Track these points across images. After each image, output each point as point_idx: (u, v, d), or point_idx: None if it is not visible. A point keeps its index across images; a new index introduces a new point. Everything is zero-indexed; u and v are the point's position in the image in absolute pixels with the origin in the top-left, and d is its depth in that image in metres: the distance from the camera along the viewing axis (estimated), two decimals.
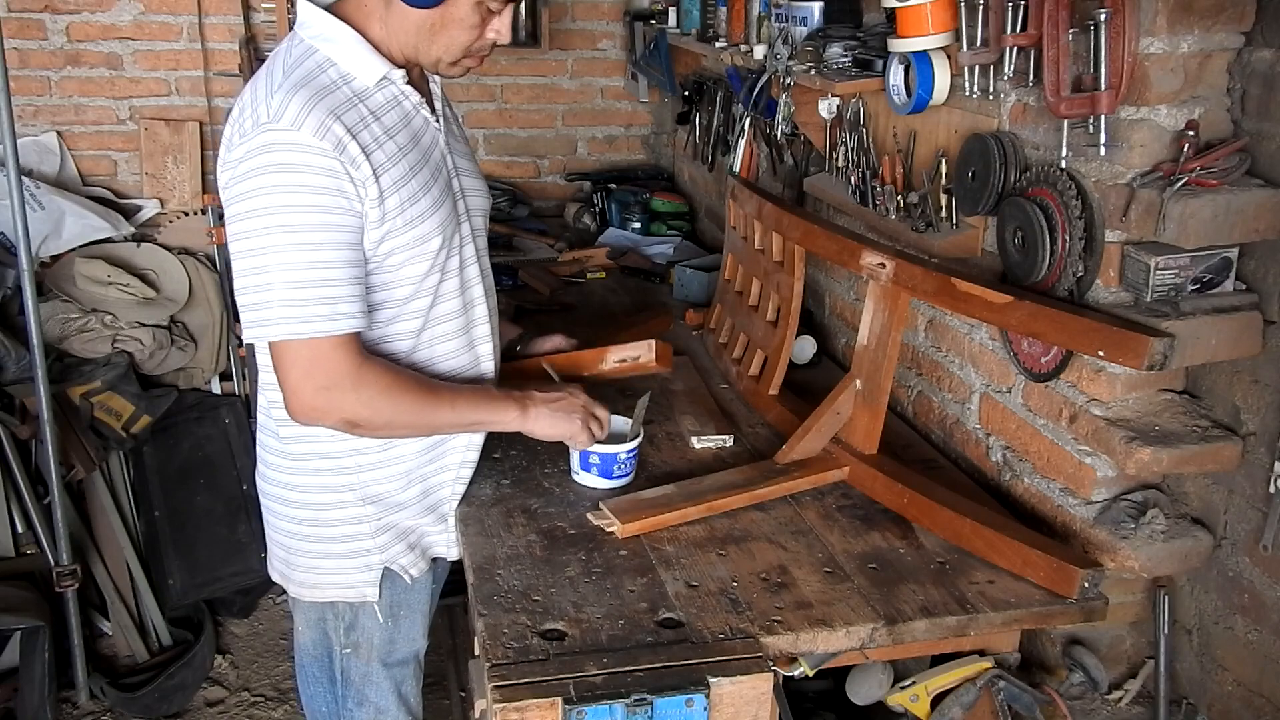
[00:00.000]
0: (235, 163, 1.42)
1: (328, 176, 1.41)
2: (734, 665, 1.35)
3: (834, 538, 1.67)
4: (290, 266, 1.41)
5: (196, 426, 3.36)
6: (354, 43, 1.49)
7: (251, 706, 2.92)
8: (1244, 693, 1.54)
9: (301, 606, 1.72)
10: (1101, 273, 1.55)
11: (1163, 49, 1.43)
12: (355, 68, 1.49)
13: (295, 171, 1.39)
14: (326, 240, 1.42)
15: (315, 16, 1.51)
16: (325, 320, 1.43)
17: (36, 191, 3.19)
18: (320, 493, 1.63)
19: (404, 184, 1.50)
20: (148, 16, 3.43)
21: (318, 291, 1.42)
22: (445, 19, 1.50)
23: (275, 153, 1.39)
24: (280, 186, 1.40)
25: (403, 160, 1.51)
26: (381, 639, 1.69)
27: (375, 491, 1.64)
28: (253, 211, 1.41)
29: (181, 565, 3.15)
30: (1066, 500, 1.66)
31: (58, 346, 3.11)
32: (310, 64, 1.47)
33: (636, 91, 3.78)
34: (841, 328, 2.46)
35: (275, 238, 1.40)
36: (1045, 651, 1.75)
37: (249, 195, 1.41)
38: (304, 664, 1.76)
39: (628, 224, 3.45)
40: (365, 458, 1.62)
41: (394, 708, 1.73)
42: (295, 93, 1.41)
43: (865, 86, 1.98)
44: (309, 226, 1.41)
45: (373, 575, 1.65)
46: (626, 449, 1.77)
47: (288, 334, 1.43)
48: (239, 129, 1.44)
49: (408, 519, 1.67)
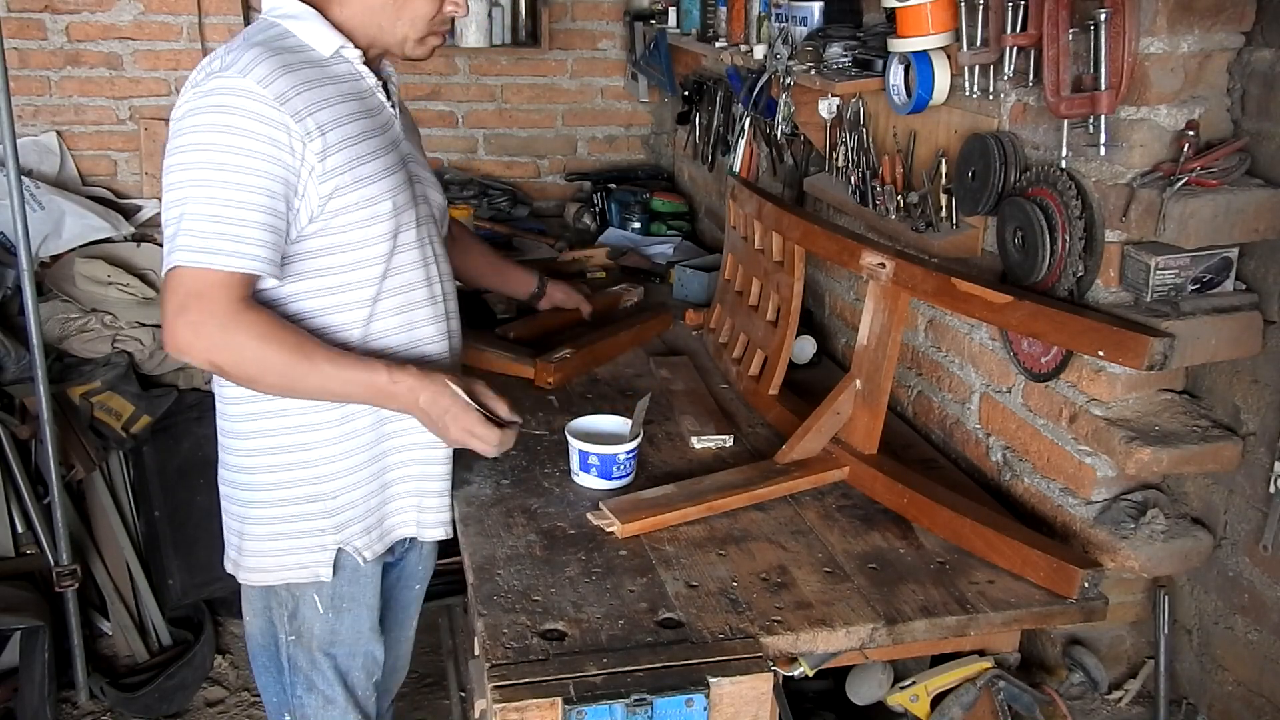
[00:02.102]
0: (180, 106, 1.48)
1: (262, 123, 1.43)
2: (734, 665, 1.35)
3: (834, 538, 1.67)
4: (204, 200, 1.42)
5: (196, 426, 3.35)
6: (313, 18, 1.55)
7: (251, 706, 2.92)
8: (1244, 693, 1.54)
9: (249, 595, 1.71)
10: (1101, 273, 1.55)
11: (1163, 49, 1.43)
12: (313, 39, 1.54)
13: (230, 113, 1.43)
14: (247, 182, 1.43)
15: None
16: (225, 255, 1.42)
17: (36, 191, 3.19)
18: (271, 472, 1.61)
19: (352, 144, 1.52)
20: (148, 16, 3.43)
21: (223, 228, 1.42)
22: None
23: (216, 95, 1.44)
24: (212, 125, 1.43)
25: (353, 123, 1.53)
26: (322, 629, 1.67)
27: (330, 470, 1.62)
28: (184, 147, 1.44)
29: (181, 565, 3.14)
30: (1066, 500, 1.66)
31: (58, 346, 3.11)
32: (271, 32, 1.53)
33: (636, 91, 3.78)
34: (841, 328, 2.46)
35: (197, 173, 1.43)
36: (1045, 651, 1.75)
37: (184, 133, 1.45)
38: (254, 653, 1.76)
39: (628, 224, 3.44)
40: (318, 434, 1.60)
41: (341, 698, 1.72)
42: (250, 49, 1.47)
43: (865, 86, 1.98)
44: (231, 166, 1.42)
45: (326, 555, 1.63)
46: (625, 450, 1.77)
47: (184, 261, 1.42)
48: (192, 81, 1.50)
49: (362, 499, 1.65)
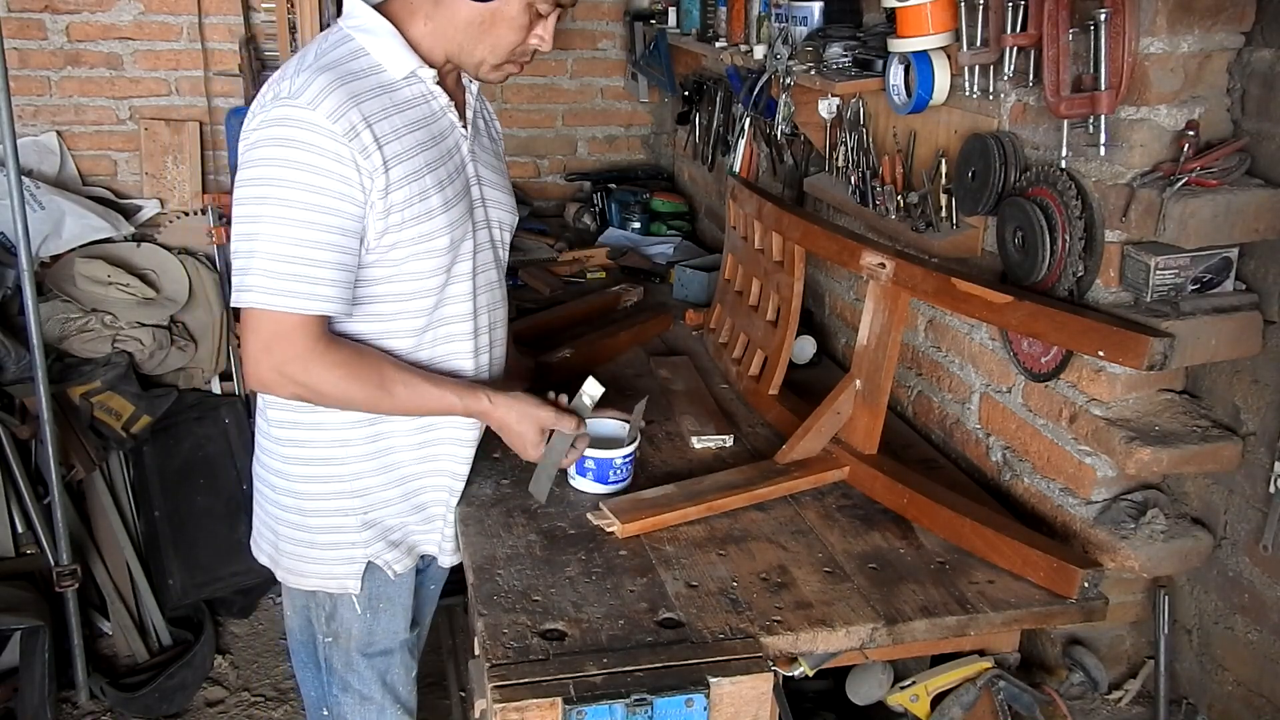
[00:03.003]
0: (250, 132, 1.46)
1: (333, 160, 1.42)
2: (734, 665, 1.35)
3: (834, 538, 1.67)
4: (277, 239, 1.43)
5: (196, 426, 3.35)
6: (389, 36, 1.52)
7: (251, 706, 2.92)
8: (1244, 693, 1.54)
9: (289, 592, 1.74)
10: (1101, 273, 1.55)
11: (1163, 49, 1.43)
12: (386, 59, 1.52)
13: (301, 148, 1.42)
14: (318, 221, 1.43)
15: (359, 8, 1.54)
16: (300, 298, 1.44)
17: (36, 191, 3.19)
18: (306, 482, 1.64)
19: (415, 179, 1.51)
20: (148, 16, 3.43)
21: (298, 268, 1.43)
22: (495, 17, 1.51)
23: (287, 127, 1.42)
24: (284, 160, 1.42)
25: (418, 156, 1.52)
26: (360, 630, 1.70)
27: (362, 485, 1.64)
28: (254, 180, 1.44)
29: (181, 565, 3.15)
30: (1066, 500, 1.66)
31: (58, 346, 3.11)
32: (342, 50, 1.50)
33: (636, 91, 3.78)
34: (841, 328, 2.46)
35: (269, 208, 1.43)
36: (1045, 651, 1.75)
37: (255, 164, 1.44)
38: (294, 648, 1.79)
39: (628, 224, 3.44)
40: (352, 449, 1.62)
41: (378, 695, 1.74)
42: (319, 74, 1.44)
43: (865, 86, 1.98)
44: (303, 204, 1.43)
45: (355, 568, 1.66)
46: (622, 454, 1.76)
47: (260, 303, 1.44)
48: (260, 103, 1.48)
49: (393, 516, 1.68)
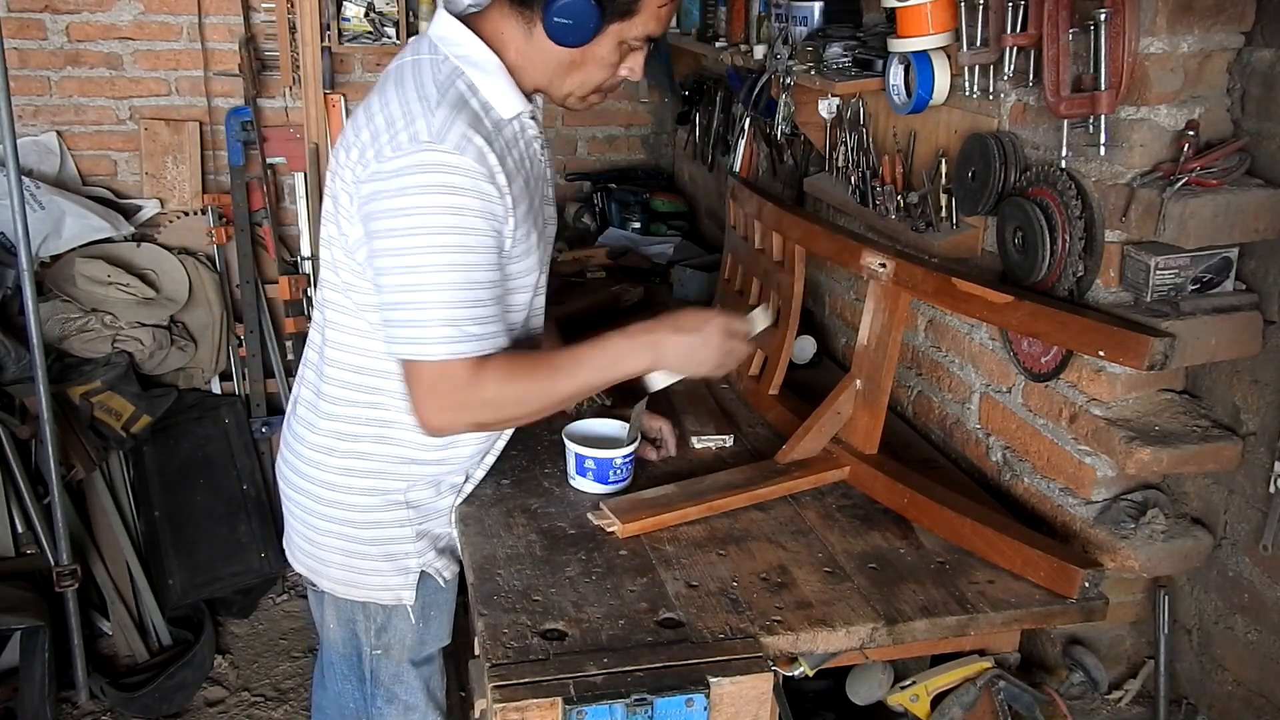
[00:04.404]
0: (389, 175, 1.41)
1: (485, 201, 1.42)
2: (734, 665, 1.35)
3: (834, 538, 1.67)
4: (448, 288, 1.42)
5: (196, 426, 3.36)
6: (499, 74, 1.50)
7: (251, 706, 2.92)
8: (1244, 693, 1.54)
9: (332, 603, 1.71)
10: (1101, 273, 1.55)
11: (1163, 49, 1.43)
12: (496, 98, 1.50)
13: (458, 194, 1.40)
14: (481, 262, 1.44)
15: (462, 34, 1.50)
16: (478, 340, 1.45)
17: (36, 191, 3.19)
18: (364, 495, 1.63)
19: (526, 219, 1.52)
20: (148, 16, 3.43)
21: (472, 312, 1.43)
22: (586, 57, 1.50)
23: (439, 174, 1.39)
24: (442, 208, 1.40)
25: (526, 196, 1.53)
26: (413, 640, 1.70)
27: (417, 497, 1.65)
28: (412, 229, 1.41)
29: (181, 565, 3.15)
30: (1066, 500, 1.66)
31: (58, 346, 3.11)
32: (461, 86, 1.48)
33: (636, 91, 3.78)
34: (841, 328, 2.46)
35: (435, 257, 1.41)
36: (1045, 651, 1.75)
37: (407, 212, 1.40)
38: (332, 661, 1.75)
39: (628, 224, 3.44)
40: (419, 469, 1.63)
41: (423, 704, 1.75)
42: (455, 116, 1.42)
43: (865, 86, 1.98)
44: (467, 248, 1.42)
45: (410, 579, 1.66)
46: (622, 454, 1.76)
47: (445, 354, 1.43)
48: (392, 141, 1.42)
49: (441, 525, 1.70)
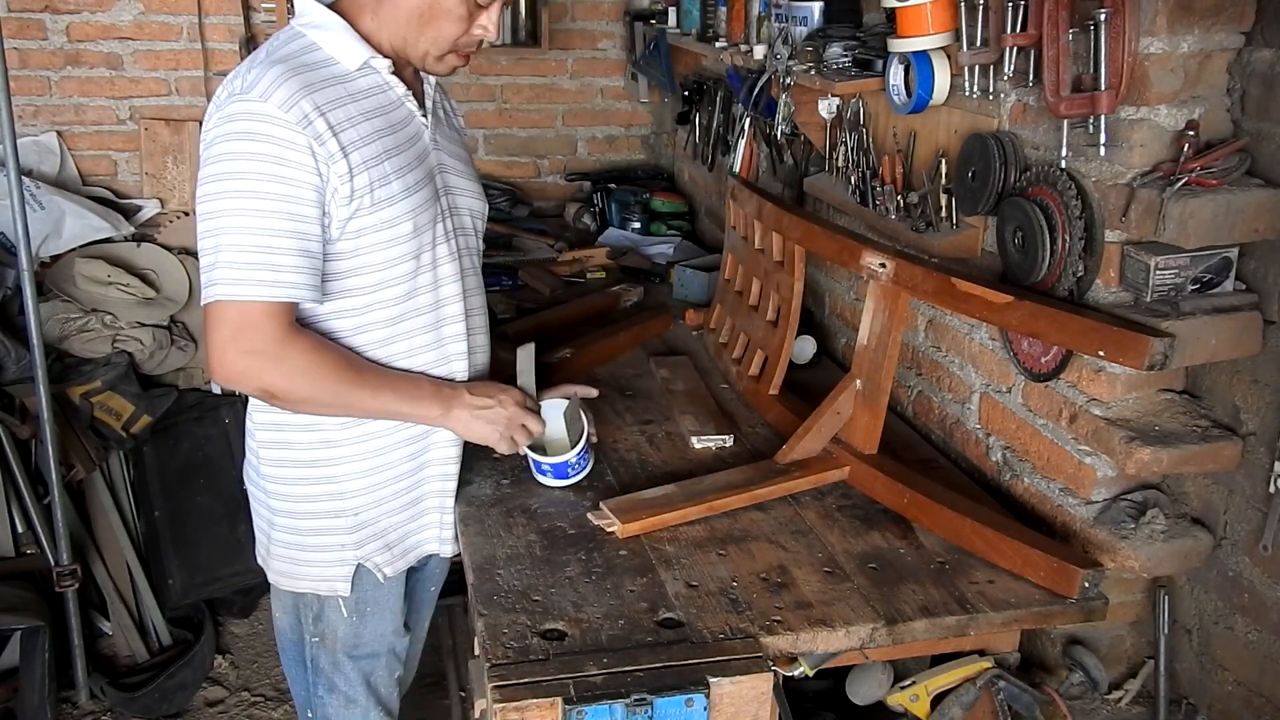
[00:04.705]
0: (207, 132, 1.48)
1: (288, 148, 1.43)
2: (734, 665, 1.35)
3: (834, 538, 1.67)
4: (237, 230, 1.43)
5: (196, 426, 3.35)
6: (341, 30, 1.54)
7: (251, 706, 2.92)
8: (1244, 693, 1.54)
9: (278, 592, 1.75)
10: (1101, 273, 1.55)
11: (1163, 49, 1.43)
12: (339, 52, 1.54)
13: (255, 140, 1.43)
14: (278, 209, 1.44)
15: (309, 6, 1.56)
16: (265, 285, 1.44)
17: (36, 191, 3.19)
18: (296, 484, 1.64)
19: (375, 164, 1.52)
20: (148, 16, 3.43)
21: (260, 257, 1.44)
22: (434, 10, 1.54)
23: (239, 121, 1.43)
24: (239, 154, 1.43)
25: (376, 142, 1.53)
26: (346, 633, 1.70)
27: (352, 486, 1.64)
28: (212, 176, 1.45)
29: (181, 565, 3.15)
30: (1066, 500, 1.66)
31: (58, 346, 3.11)
32: (294, 45, 1.52)
33: (636, 91, 3.78)
34: (841, 328, 2.46)
35: (228, 202, 1.44)
36: (1045, 651, 1.75)
37: (212, 160, 1.45)
38: (284, 647, 1.81)
39: (628, 224, 3.44)
40: (342, 450, 1.62)
41: (363, 698, 1.74)
42: (270, 67, 1.46)
43: (865, 86, 1.98)
44: (261, 194, 1.43)
45: (345, 570, 1.66)
46: (575, 453, 1.75)
47: (225, 295, 1.44)
48: (215, 103, 1.50)
49: (386, 516, 1.68)
